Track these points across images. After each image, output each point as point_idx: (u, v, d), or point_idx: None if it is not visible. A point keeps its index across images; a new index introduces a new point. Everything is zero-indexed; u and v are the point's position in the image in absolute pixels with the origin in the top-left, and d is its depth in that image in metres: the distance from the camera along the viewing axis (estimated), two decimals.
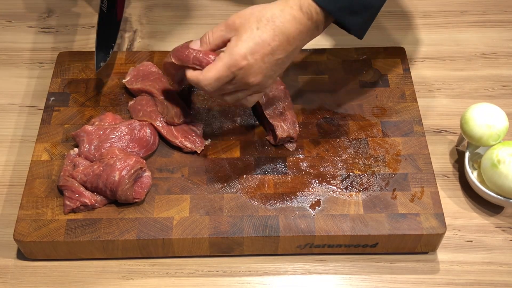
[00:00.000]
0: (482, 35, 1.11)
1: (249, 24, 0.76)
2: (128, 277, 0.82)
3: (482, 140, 0.87)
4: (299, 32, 0.76)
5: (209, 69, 0.77)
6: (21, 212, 0.82)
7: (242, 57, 0.75)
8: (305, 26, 0.76)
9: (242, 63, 0.75)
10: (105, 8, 0.96)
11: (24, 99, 1.01)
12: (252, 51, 0.75)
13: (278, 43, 0.75)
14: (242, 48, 0.75)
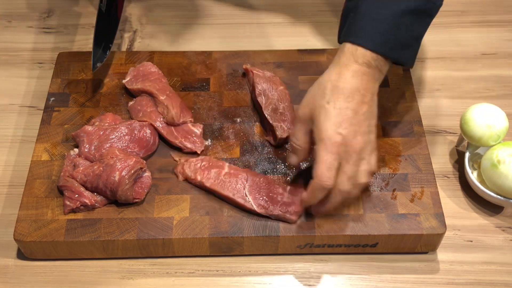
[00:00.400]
0: (482, 35, 1.11)
1: (319, 104, 0.76)
2: (128, 277, 0.82)
3: (482, 140, 0.87)
4: (367, 81, 0.76)
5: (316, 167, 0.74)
6: (21, 212, 0.82)
7: (335, 135, 0.74)
8: (368, 74, 0.76)
9: (338, 139, 0.74)
10: (104, 8, 0.96)
11: (24, 99, 1.01)
12: (339, 124, 0.74)
13: (355, 102, 0.75)
14: (329, 129, 0.74)
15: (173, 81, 0.97)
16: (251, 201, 0.81)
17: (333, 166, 0.74)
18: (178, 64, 1.00)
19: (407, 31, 0.78)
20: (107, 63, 0.99)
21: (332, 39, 1.10)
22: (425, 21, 0.80)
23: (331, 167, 0.74)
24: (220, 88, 0.96)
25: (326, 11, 1.16)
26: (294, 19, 1.14)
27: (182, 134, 0.89)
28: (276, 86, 0.92)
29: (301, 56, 1.00)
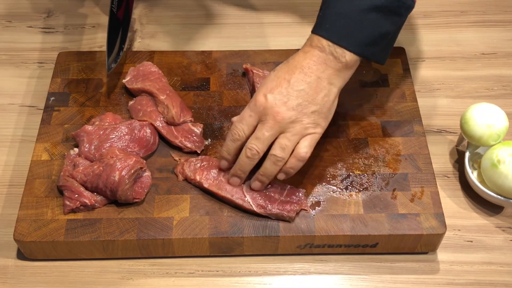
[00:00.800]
0: (482, 35, 1.11)
1: (267, 76, 0.81)
2: (128, 277, 0.82)
3: (482, 140, 0.87)
4: (314, 62, 0.78)
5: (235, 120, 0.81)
6: (21, 212, 0.82)
7: (261, 96, 0.78)
8: (318, 57, 0.78)
9: (261, 100, 0.77)
10: (115, 9, 0.96)
11: (24, 99, 1.01)
12: (269, 88, 0.78)
13: (294, 76, 0.78)
14: (260, 91, 0.79)
15: (173, 80, 0.97)
16: (250, 201, 0.81)
17: (245, 120, 0.78)
18: (178, 63, 1.00)
19: (372, 28, 0.78)
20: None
21: None
22: (393, 19, 0.79)
23: (242, 121, 0.79)
24: (220, 88, 0.96)
25: None
26: (293, 19, 1.14)
27: (182, 134, 0.89)
28: None
29: None
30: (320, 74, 0.78)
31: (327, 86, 0.79)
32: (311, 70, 0.78)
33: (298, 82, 0.78)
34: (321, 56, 0.78)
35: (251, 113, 0.78)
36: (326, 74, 0.78)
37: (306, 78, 0.78)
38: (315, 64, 0.78)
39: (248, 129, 0.79)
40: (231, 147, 0.81)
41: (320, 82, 0.78)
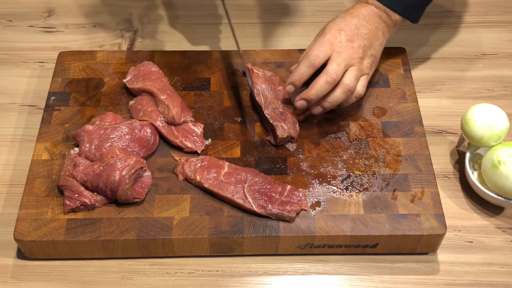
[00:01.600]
0: (483, 35, 1.11)
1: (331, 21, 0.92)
2: (128, 277, 0.82)
3: (483, 140, 0.87)
4: (372, 15, 0.90)
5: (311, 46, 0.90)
6: (21, 211, 0.82)
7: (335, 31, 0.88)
8: (374, 11, 0.91)
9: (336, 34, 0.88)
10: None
11: (25, 98, 1.01)
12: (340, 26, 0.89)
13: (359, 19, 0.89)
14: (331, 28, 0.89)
15: (174, 80, 0.97)
16: (251, 201, 0.81)
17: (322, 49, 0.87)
18: (179, 63, 1.00)
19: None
20: (108, 62, 0.99)
21: None
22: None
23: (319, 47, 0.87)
24: (221, 88, 0.96)
25: (326, 11, 1.16)
26: (294, 19, 1.14)
27: (182, 134, 0.89)
28: (275, 86, 0.92)
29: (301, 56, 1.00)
30: (378, 25, 0.91)
31: (381, 37, 0.91)
32: (372, 20, 0.90)
33: (363, 27, 0.89)
34: (377, 12, 0.91)
35: (327, 44, 0.87)
36: (381, 26, 0.91)
37: (368, 25, 0.90)
38: (373, 16, 0.90)
39: (324, 57, 0.87)
40: (305, 72, 0.87)
41: (378, 32, 0.91)
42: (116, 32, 1.11)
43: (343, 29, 0.89)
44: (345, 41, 0.88)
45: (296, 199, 0.82)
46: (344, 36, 0.88)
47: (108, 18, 1.14)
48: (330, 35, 0.88)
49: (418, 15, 0.93)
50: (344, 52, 0.87)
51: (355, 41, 0.88)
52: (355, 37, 0.88)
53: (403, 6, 0.91)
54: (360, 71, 0.88)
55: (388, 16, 0.91)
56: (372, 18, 0.90)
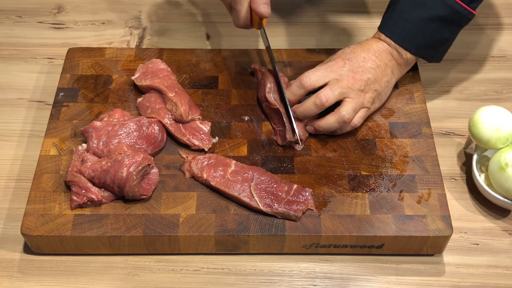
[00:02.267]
0: (492, 38, 1.11)
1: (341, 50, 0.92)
2: (134, 273, 0.82)
3: (490, 143, 0.86)
4: (382, 51, 0.90)
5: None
6: (29, 206, 0.82)
7: (340, 60, 0.88)
8: (385, 48, 0.90)
9: (340, 63, 0.88)
10: None
11: (34, 94, 1.02)
12: (347, 57, 0.89)
13: (366, 54, 0.89)
14: (338, 57, 0.90)
15: (182, 78, 0.97)
16: (257, 200, 0.81)
17: (319, 74, 0.87)
18: (187, 61, 1.00)
19: (433, 35, 0.89)
20: (116, 59, 0.99)
21: (340, 39, 1.10)
22: (453, 28, 0.90)
23: (316, 72, 0.87)
24: (229, 86, 0.97)
25: (334, 11, 1.16)
26: (302, 19, 1.14)
27: (190, 131, 0.89)
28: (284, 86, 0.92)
29: (310, 56, 1.00)
30: (388, 62, 0.90)
31: (390, 74, 0.90)
32: (381, 56, 0.89)
33: (370, 61, 0.89)
34: (388, 49, 0.90)
35: (326, 71, 0.87)
36: (391, 63, 0.90)
37: (377, 61, 0.89)
38: (384, 52, 0.89)
39: (317, 81, 0.87)
40: (296, 92, 0.88)
41: (386, 69, 0.89)
42: (125, 29, 1.12)
43: (350, 59, 0.88)
44: (347, 71, 0.87)
45: (302, 199, 0.82)
46: (348, 66, 0.88)
47: (117, 15, 1.14)
48: (333, 63, 0.88)
49: (433, 54, 0.91)
50: (343, 81, 0.86)
51: (358, 73, 0.87)
52: (359, 69, 0.88)
53: (417, 45, 0.89)
54: (359, 103, 0.87)
55: (399, 54, 0.90)
56: (383, 54, 0.89)
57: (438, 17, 0.87)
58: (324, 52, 1.01)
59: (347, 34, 1.12)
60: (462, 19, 0.89)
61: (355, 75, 0.87)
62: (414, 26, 0.88)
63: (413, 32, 0.88)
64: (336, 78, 0.87)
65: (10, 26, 1.13)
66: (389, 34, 0.89)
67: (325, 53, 1.00)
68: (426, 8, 0.87)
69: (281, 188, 0.83)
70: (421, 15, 0.87)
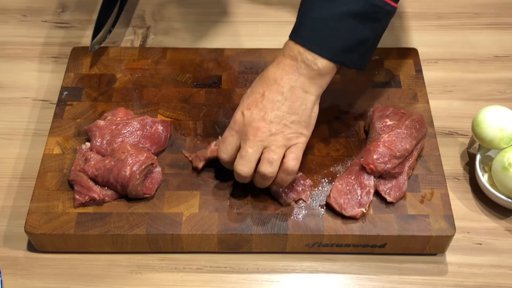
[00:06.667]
0: (496, 37, 1.10)
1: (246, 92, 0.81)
2: (137, 271, 0.82)
3: (494, 142, 0.86)
4: (287, 72, 0.77)
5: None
6: (33, 204, 0.83)
7: (239, 114, 0.78)
8: (290, 66, 0.77)
9: (239, 119, 0.78)
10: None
11: (37, 93, 1.02)
12: (247, 105, 0.78)
13: (268, 89, 0.77)
14: (238, 109, 0.79)
15: (185, 77, 0.98)
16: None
17: (227, 142, 0.79)
18: (191, 61, 1.00)
19: (348, 34, 0.76)
20: (120, 59, 1.00)
21: None
22: (371, 25, 0.77)
23: (225, 142, 0.79)
24: (232, 86, 0.97)
25: None
26: None
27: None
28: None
29: None
30: (293, 84, 0.77)
31: (302, 95, 0.77)
32: (284, 80, 0.77)
33: (272, 94, 0.77)
34: (292, 65, 0.77)
35: (232, 133, 0.79)
36: (299, 82, 0.77)
37: (280, 88, 0.77)
38: (287, 73, 0.77)
39: (231, 149, 0.79)
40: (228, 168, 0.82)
41: (294, 91, 0.77)
42: (129, 29, 1.12)
43: (250, 107, 0.77)
44: (251, 123, 0.76)
45: (299, 188, 0.82)
46: (250, 116, 0.77)
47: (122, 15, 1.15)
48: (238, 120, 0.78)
49: (352, 58, 0.78)
50: (249, 138, 0.76)
51: (264, 116, 0.76)
52: (262, 113, 0.76)
53: (330, 49, 0.76)
54: (279, 147, 0.77)
55: (307, 67, 0.76)
56: (285, 77, 0.76)
57: (352, 13, 0.75)
58: None
59: None
60: (381, 14, 0.76)
61: (259, 123, 0.76)
62: (324, 26, 0.75)
63: (324, 33, 0.75)
64: (243, 139, 0.77)
65: (14, 25, 1.13)
66: (296, 39, 0.77)
67: None
68: (336, 3, 0.75)
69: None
70: (331, 12, 0.75)
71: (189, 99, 0.95)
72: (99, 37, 0.97)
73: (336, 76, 0.97)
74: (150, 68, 0.99)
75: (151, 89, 0.96)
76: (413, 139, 0.84)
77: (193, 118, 0.92)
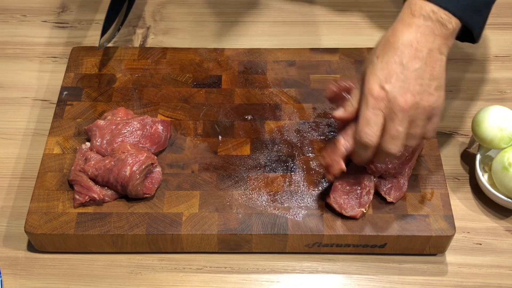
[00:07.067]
0: (496, 37, 1.10)
1: (369, 60, 0.74)
2: (137, 272, 0.82)
3: (494, 142, 0.86)
4: (422, 35, 0.71)
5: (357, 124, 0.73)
6: (33, 204, 0.83)
7: (378, 90, 0.71)
8: (425, 27, 0.71)
9: (380, 94, 0.71)
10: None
11: (37, 93, 1.02)
12: (384, 78, 0.71)
13: (405, 56, 0.71)
14: (372, 83, 0.71)
15: (185, 77, 0.98)
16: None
17: (373, 123, 0.71)
18: (191, 61, 1.00)
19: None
20: (120, 58, 1.00)
21: (345, 38, 1.10)
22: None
23: (369, 123, 0.71)
24: (232, 86, 0.97)
25: (339, 10, 1.16)
26: (306, 18, 1.14)
27: None
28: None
29: (313, 55, 1.01)
30: (431, 46, 0.71)
31: (439, 57, 0.72)
32: (421, 44, 0.71)
33: (411, 61, 0.71)
34: (428, 26, 0.71)
35: (376, 111, 0.71)
36: (436, 44, 0.72)
37: (418, 53, 0.71)
38: (423, 36, 0.71)
39: (379, 130, 0.72)
40: (364, 155, 0.75)
41: (433, 54, 0.71)
42: (129, 29, 1.12)
43: (389, 80, 0.71)
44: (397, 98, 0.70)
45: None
46: (394, 90, 0.70)
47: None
48: (380, 95, 0.71)
49: (478, 21, 0.75)
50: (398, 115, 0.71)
51: (409, 88, 0.71)
52: (406, 84, 0.71)
53: (462, 6, 0.71)
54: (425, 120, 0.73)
55: (442, 26, 0.71)
56: (422, 40, 0.71)
57: None
58: (327, 51, 1.01)
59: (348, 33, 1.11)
60: None
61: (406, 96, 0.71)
62: None
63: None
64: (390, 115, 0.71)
65: (14, 25, 1.13)
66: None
67: (328, 52, 1.00)
68: None
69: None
70: None
71: (189, 99, 0.95)
72: (108, 35, 0.97)
73: (336, 76, 0.98)
74: (150, 68, 0.99)
75: (151, 89, 0.96)
76: None
77: (193, 118, 0.93)
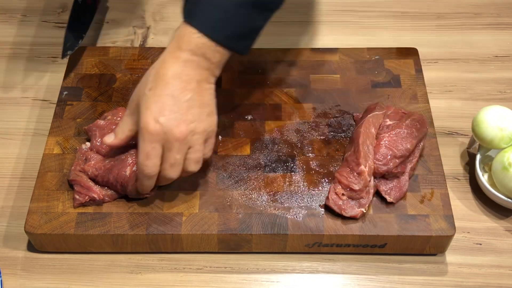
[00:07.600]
0: (496, 37, 1.10)
1: (141, 93, 0.76)
2: (137, 271, 0.82)
3: (494, 142, 0.86)
4: (190, 68, 0.75)
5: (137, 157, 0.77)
6: (33, 204, 0.83)
7: (153, 124, 0.73)
8: (191, 61, 0.75)
9: (156, 128, 0.74)
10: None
11: (37, 93, 1.02)
12: (158, 111, 0.74)
13: (175, 88, 0.74)
14: (147, 117, 0.74)
15: None
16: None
17: (152, 156, 0.75)
18: None
19: (246, 22, 0.76)
20: (120, 59, 1.00)
21: (345, 38, 1.10)
22: (264, 14, 0.79)
23: (149, 156, 0.75)
24: (232, 86, 0.97)
25: (339, 10, 1.16)
26: (307, 18, 1.14)
27: None
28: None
29: (314, 55, 1.01)
30: (199, 78, 0.76)
31: (207, 86, 0.78)
32: (190, 76, 0.75)
33: (182, 93, 0.74)
34: (194, 61, 0.75)
35: (153, 145, 0.74)
36: (204, 76, 0.76)
37: (188, 85, 0.75)
38: (191, 69, 0.75)
39: (158, 161, 0.76)
40: (148, 184, 0.78)
41: (201, 85, 0.76)
42: (129, 29, 1.12)
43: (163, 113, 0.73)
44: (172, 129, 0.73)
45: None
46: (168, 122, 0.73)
47: (121, 15, 1.15)
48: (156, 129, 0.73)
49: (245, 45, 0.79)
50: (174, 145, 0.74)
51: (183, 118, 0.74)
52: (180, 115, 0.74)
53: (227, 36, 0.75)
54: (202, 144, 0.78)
55: (207, 60, 0.75)
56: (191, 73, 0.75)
57: (250, 1, 0.75)
58: (327, 51, 1.01)
59: (348, 33, 1.12)
60: (273, 3, 0.79)
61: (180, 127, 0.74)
62: (224, 13, 0.74)
63: (224, 19, 0.74)
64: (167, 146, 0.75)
65: (14, 25, 1.13)
66: (195, 24, 0.74)
67: (328, 52, 1.01)
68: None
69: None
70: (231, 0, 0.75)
71: None
72: (70, 44, 0.98)
73: (336, 76, 0.98)
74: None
75: None
76: (414, 138, 0.84)
77: None
